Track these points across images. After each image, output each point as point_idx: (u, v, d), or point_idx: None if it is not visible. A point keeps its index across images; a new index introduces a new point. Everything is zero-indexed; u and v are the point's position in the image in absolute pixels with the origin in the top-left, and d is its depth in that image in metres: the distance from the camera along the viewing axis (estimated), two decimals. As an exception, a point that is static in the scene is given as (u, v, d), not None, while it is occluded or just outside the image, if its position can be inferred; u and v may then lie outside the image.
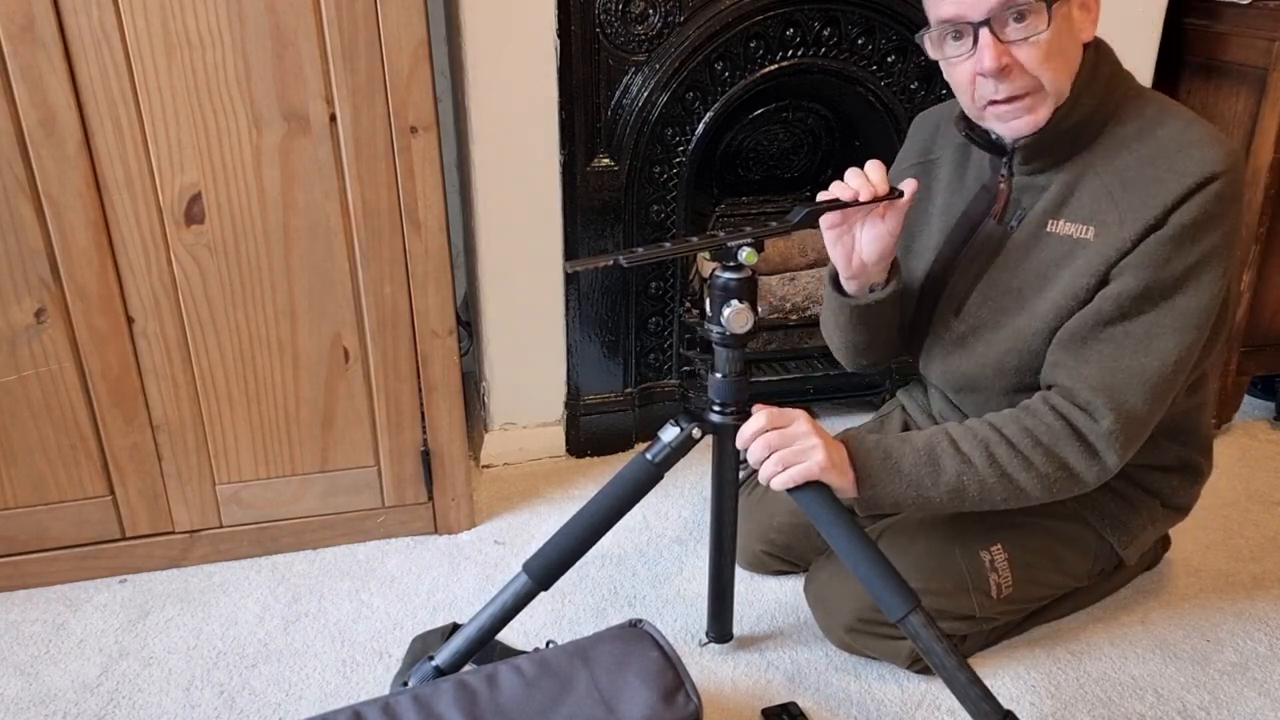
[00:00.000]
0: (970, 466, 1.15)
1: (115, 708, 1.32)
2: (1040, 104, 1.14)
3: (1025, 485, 1.15)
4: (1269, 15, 1.80)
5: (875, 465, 1.16)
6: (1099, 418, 1.13)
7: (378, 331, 1.51)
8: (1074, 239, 1.17)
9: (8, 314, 1.39)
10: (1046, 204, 1.20)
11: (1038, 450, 1.14)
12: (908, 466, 1.16)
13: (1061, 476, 1.15)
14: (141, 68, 1.30)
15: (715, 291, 1.14)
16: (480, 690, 1.10)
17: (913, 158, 1.39)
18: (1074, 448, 1.14)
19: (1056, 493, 1.17)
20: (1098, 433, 1.13)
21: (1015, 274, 1.22)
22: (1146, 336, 1.13)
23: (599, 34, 1.66)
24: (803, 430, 1.15)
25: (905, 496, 1.16)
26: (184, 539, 1.59)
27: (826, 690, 1.34)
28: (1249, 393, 2.08)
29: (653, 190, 1.81)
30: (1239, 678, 1.37)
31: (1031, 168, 1.21)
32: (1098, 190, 1.16)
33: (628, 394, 1.94)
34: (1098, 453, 1.14)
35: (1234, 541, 1.66)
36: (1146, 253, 1.11)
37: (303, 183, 1.41)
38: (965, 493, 1.16)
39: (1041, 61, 1.10)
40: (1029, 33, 1.09)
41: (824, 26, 1.76)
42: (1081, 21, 1.13)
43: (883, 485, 1.16)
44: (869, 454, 1.16)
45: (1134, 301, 1.12)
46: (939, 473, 1.15)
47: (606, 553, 1.64)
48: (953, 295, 1.29)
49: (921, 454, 1.16)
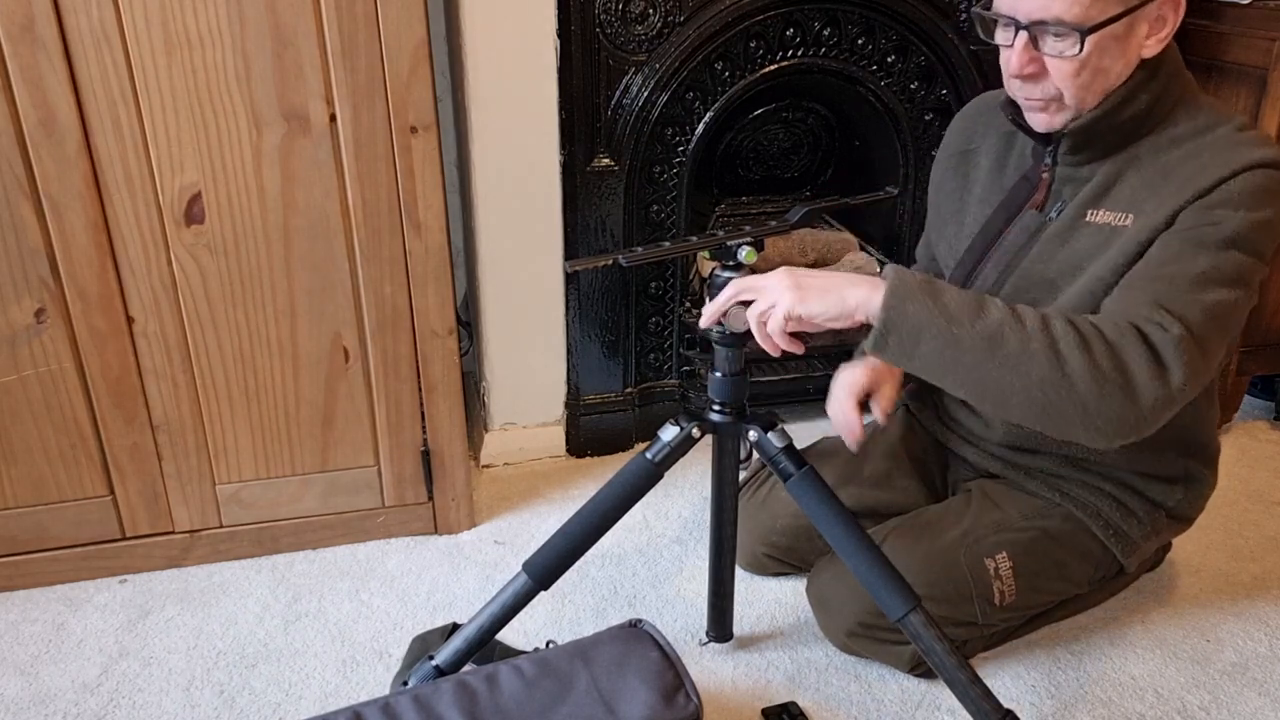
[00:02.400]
0: (1019, 324, 1.00)
1: (115, 708, 1.32)
2: (1058, 112, 1.15)
3: (1074, 370, 0.99)
4: (1269, 15, 1.80)
5: (911, 284, 1.01)
6: (1168, 326, 1.01)
7: (378, 331, 1.51)
8: (1111, 227, 1.15)
9: (8, 314, 1.39)
10: (1087, 195, 1.18)
11: (1100, 341, 1.00)
12: (948, 297, 1.01)
13: (1118, 379, 0.99)
14: (141, 68, 1.30)
15: (715, 291, 1.14)
16: (480, 690, 1.10)
17: (954, 148, 1.39)
18: (1140, 352, 1.00)
19: (1105, 396, 0.99)
20: (1166, 340, 1.00)
21: (1050, 264, 1.20)
22: (1202, 277, 1.04)
23: (599, 34, 1.66)
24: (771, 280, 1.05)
25: (931, 326, 1.00)
26: (184, 539, 1.59)
27: (826, 690, 1.34)
28: (1249, 393, 2.08)
29: (653, 190, 1.81)
30: (1239, 678, 1.37)
31: (1077, 158, 1.19)
32: (1139, 182, 1.14)
33: (628, 394, 1.95)
34: (1164, 364, 1.00)
35: (1234, 541, 1.66)
36: (1196, 215, 1.07)
37: (303, 183, 1.41)
38: (1002, 347, 0.99)
39: (1068, 77, 1.11)
40: (1060, 50, 1.09)
41: (824, 26, 1.76)
42: (1146, 38, 1.11)
43: (913, 303, 1.00)
44: (905, 274, 1.02)
45: (1188, 247, 1.06)
46: (982, 314, 1.00)
47: (606, 553, 1.64)
48: (984, 285, 1.27)
49: (967, 295, 1.03)
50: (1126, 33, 1.09)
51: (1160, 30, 1.11)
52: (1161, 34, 1.12)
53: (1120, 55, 1.11)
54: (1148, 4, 1.08)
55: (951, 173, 1.38)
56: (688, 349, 1.96)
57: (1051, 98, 1.14)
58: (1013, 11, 1.09)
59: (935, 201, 1.42)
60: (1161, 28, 1.11)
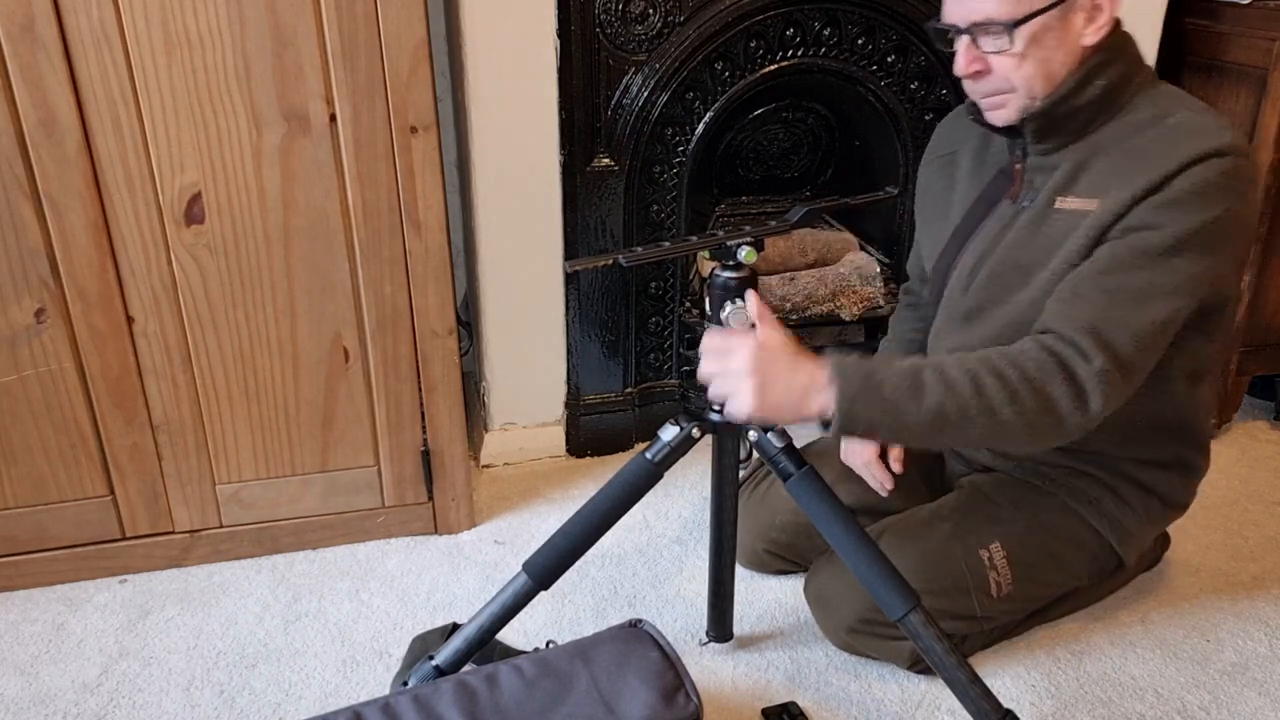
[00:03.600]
0: (954, 394, 1.09)
1: (115, 708, 1.32)
2: (1012, 102, 1.21)
3: (1008, 420, 1.09)
4: (1269, 15, 1.80)
5: (855, 388, 1.08)
6: (1090, 357, 1.10)
7: (378, 331, 1.51)
8: (1080, 211, 1.19)
9: (8, 314, 1.39)
10: (1056, 182, 1.22)
11: (1025, 384, 1.09)
12: (889, 391, 1.08)
13: (1045, 416, 1.10)
14: (141, 68, 1.30)
15: (715, 291, 1.14)
16: (480, 690, 1.10)
17: (936, 153, 1.45)
18: (1062, 387, 1.09)
19: (1037, 433, 1.11)
20: (1088, 372, 1.09)
21: (1024, 250, 1.24)
22: (1140, 293, 1.12)
23: (599, 34, 1.66)
24: (737, 366, 1.08)
25: (883, 421, 1.08)
26: (184, 539, 1.59)
27: (826, 690, 1.34)
28: (1249, 393, 2.08)
29: (653, 190, 1.81)
30: (1239, 678, 1.37)
31: (1044, 146, 1.23)
32: (1104, 167, 1.18)
33: (628, 394, 1.94)
34: (1085, 394, 1.10)
35: (1234, 541, 1.66)
36: (1145, 214, 1.12)
37: (303, 183, 1.41)
38: (946, 421, 1.09)
39: (1011, 70, 1.17)
40: (998, 47, 1.16)
41: (824, 26, 1.76)
42: (1084, 26, 1.16)
43: (861, 405, 1.07)
44: (849, 375, 1.08)
45: (1132, 256, 1.12)
46: (921, 397, 1.08)
47: (606, 553, 1.64)
48: (962, 273, 1.32)
49: (905, 377, 1.09)
50: (1060, 24, 1.15)
51: (1098, 19, 1.17)
52: (1099, 23, 1.17)
53: (1059, 45, 1.16)
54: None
55: (936, 175, 1.44)
56: (688, 349, 1.96)
57: (1001, 91, 1.20)
58: (952, 19, 1.19)
59: (922, 205, 1.46)
60: (1098, 16, 1.17)
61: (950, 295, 1.33)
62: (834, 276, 1.95)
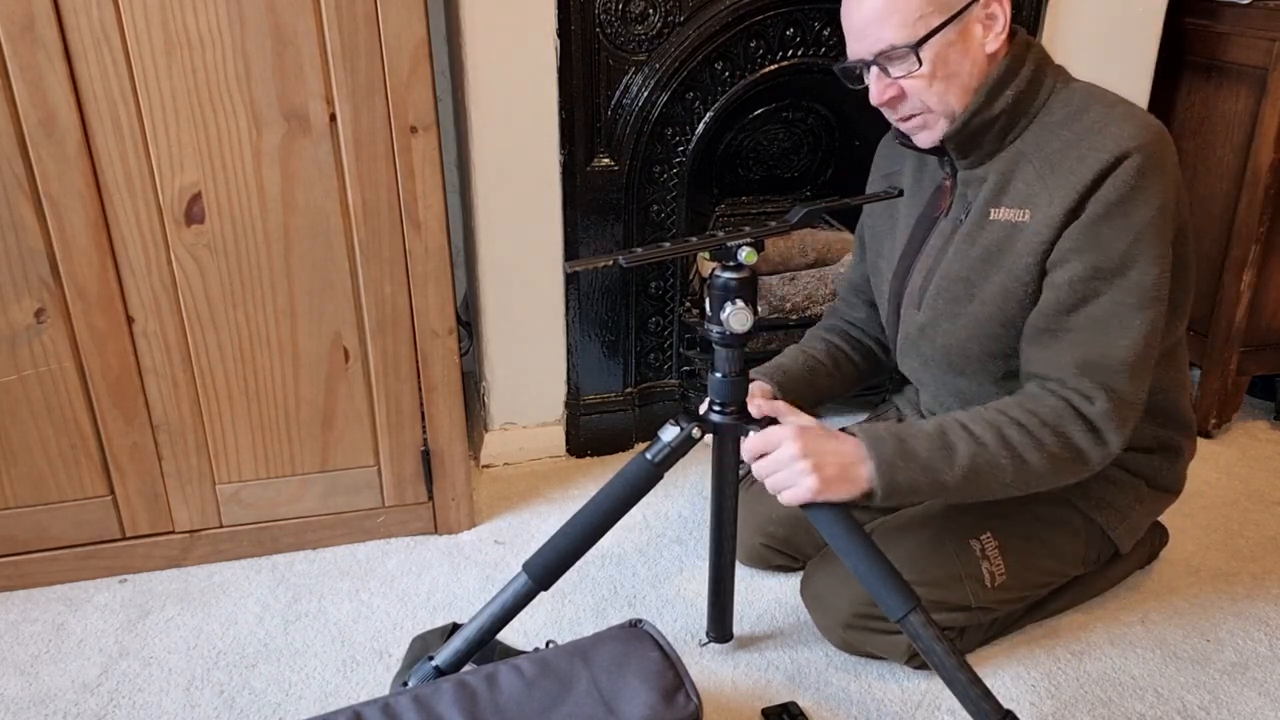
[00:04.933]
0: (983, 448, 1.15)
1: (115, 708, 1.32)
2: (933, 122, 1.22)
3: (1035, 465, 1.16)
4: (1269, 15, 1.80)
5: (891, 454, 1.15)
6: (1093, 398, 1.16)
7: (378, 331, 1.51)
8: (1012, 223, 1.21)
9: (8, 314, 1.39)
10: (986, 193, 1.24)
11: (1045, 430, 1.16)
12: (923, 452, 1.15)
13: (1069, 456, 1.17)
14: (141, 68, 1.30)
15: (715, 291, 1.14)
16: (480, 690, 1.10)
17: (880, 171, 1.48)
18: (1078, 427, 1.16)
19: (1065, 474, 1.18)
20: (1095, 413, 1.16)
21: (964, 263, 1.26)
22: (1109, 318, 1.15)
23: (599, 34, 1.66)
24: (788, 455, 1.14)
25: (922, 482, 1.15)
26: (184, 539, 1.59)
27: (826, 690, 1.34)
28: (1249, 393, 2.08)
29: (653, 190, 1.81)
30: (1239, 678, 1.37)
31: (968, 161, 1.26)
32: (1030, 175, 1.20)
33: (628, 394, 1.95)
34: (1100, 432, 1.16)
35: (1234, 541, 1.66)
36: (1084, 237, 1.15)
37: (303, 183, 1.41)
38: (979, 476, 1.16)
39: (923, 91, 1.19)
40: (906, 70, 1.18)
41: (824, 26, 1.76)
42: (984, 35, 1.19)
43: (901, 473, 1.14)
44: (883, 443, 1.15)
45: (1086, 284, 1.15)
46: (953, 456, 1.15)
47: (606, 553, 1.64)
48: (913, 290, 1.34)
49: (935, 439, 1.16)
50: (961, 37, 1.17)
51: (994, 27, 1.19)
52: (996, 29, 1.19)
53: (965, 56, 1.18)
54: (969, 7, 1.16)
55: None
56: (688, 349, 1.96)
57: (920, 112, 1.22)
58: (857, 55, 1.21)
59: (871, 224, 1.48)
60: (994, 24, 1.19)
61: (906, 314, 1.36)
62: (834, 276, 1.95)
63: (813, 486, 1.13)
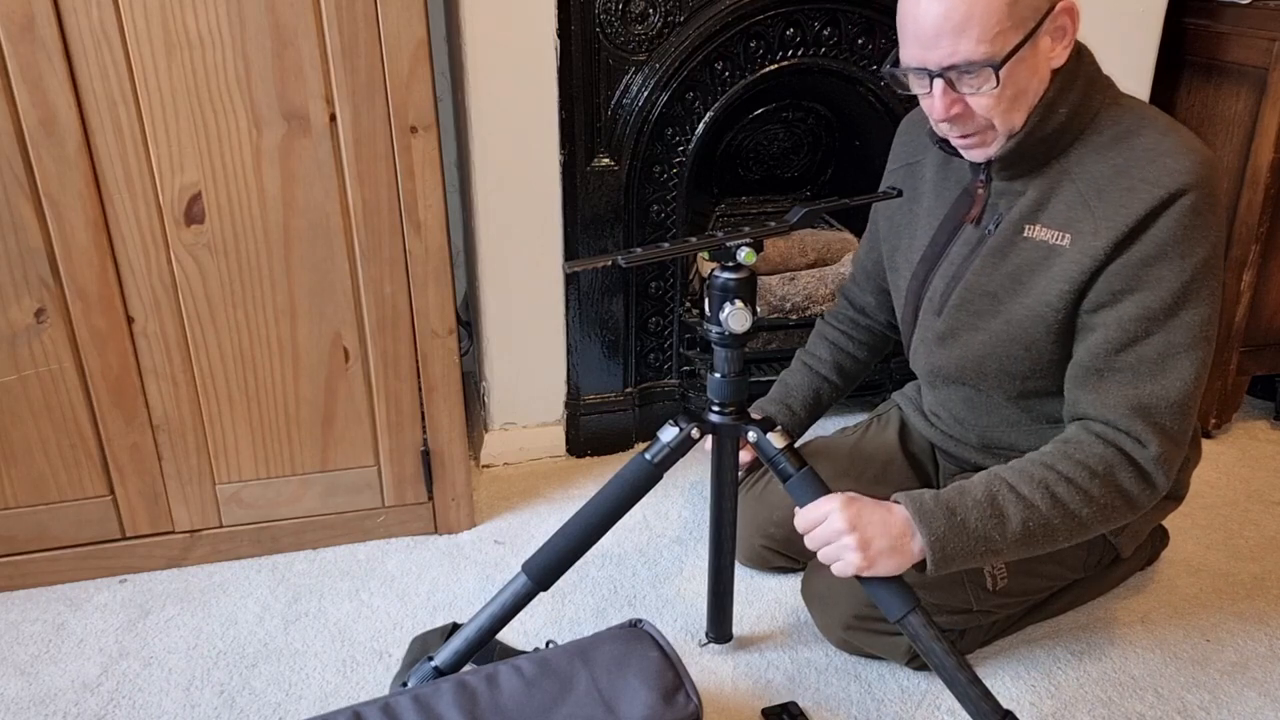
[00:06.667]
0: (1034, 510, 1.12)
1: (115, 708, 1.32)
2: (992, 139, 1.17)
3: (1087, 519, 1.13)
4: (1269, 15, 1.80)
5: (942, 530, 1.11)
6: (1146, 443, 1.12)
7: (378, 331, 1.52)
8: (1049, 245, 1.17)
9: (8, 314, 1.39)
10: (1023, 209, 1.20)
11: (1095, 481, 1.13)
12: (974, 521, 1.12)
13: (1120, 504, 1.14)
14: (141, 68, 1.30)
15: (714, 291, 1.14)
16: (480, 690, 1.10)
17: (899, 161, 1.42)
18: (1128, 473, 1.13)
19: (1113, 521, 1.16)
20: (1146, 457, 1.12)
21: (991, 277, 1.22)
22: (1161, 359, 1.12)
23: (599, 34, 1.66)
24: (836, 528, 1.12)
25: (975, 551, 1.12)
26: (184, 539, 1.59)
27: (826, 690, 1.34)
28: (1249, 393, 2.08)
29: (653, 190, 1.81)
30: (1239, 678, 1.37)
31: (1009, 173, 1.21)
32: (1073, 197, 1.16)
33: (628, 394, 1.95)
34: (1149, 475, 1.13)
35: (1234, 541, 1.66)
36: (1135, 276, 1.11)
37: (303, 183, 1.41)
38: (1031, 538, 1.13)
39: (992, 108, 1.12)
40: (978, 88, 1.11)
41: (824, 26, 1.76)
42: (1052, 50, 1.12)
43: (952, 545, 1.11)
44: (934, 518, 1.11)
45: (1138, 324, 1.12)
46: (1005, 522, 1.12)
47: (606, 553, 1.64)
48: (934, 296, 1.31)
49: (984, 505, 1.13)
50: (1032, 52, 1.10)
51: (1063, 39, 1.13)
52: (1065, 41, 1.13)
53: (1033, 73, 1.12)
54: (1045, 21, 1.09)
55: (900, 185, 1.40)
56: (688, 349, 1.96)
57: (982, 129, 1.16)
58: (923, 63, 1.11)
59: (887, 215, 1.43)
60: (1064, 36, 1.13)
61: (924, 318, 1.33)
62: (834, 276, 1.95)
63: (858, 560, 1.11)
